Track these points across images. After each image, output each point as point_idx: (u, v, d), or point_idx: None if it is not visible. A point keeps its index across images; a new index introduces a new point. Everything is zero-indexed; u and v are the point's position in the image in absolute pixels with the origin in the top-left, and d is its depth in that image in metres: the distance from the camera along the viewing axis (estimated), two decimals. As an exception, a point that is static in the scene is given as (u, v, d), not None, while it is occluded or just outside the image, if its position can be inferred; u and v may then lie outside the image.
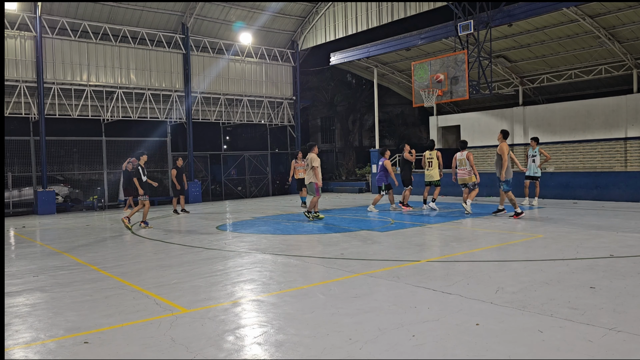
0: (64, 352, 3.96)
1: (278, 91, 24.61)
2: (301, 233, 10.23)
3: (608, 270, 6.02)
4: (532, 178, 14.21)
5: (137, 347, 4.00)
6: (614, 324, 4.13)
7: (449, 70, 16.98)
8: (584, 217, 11.31)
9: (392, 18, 20.28)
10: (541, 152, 14.17)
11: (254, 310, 4.95)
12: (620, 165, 19.96)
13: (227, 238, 9.92)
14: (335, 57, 23.68)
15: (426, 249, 8.05)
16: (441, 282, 5.67)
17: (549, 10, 16.52)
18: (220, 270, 6.81)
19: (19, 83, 17.73)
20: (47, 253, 8.88)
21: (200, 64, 22.01)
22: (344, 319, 4.48)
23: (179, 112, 21.54)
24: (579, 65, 20.80)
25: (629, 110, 19.72)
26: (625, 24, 17.52)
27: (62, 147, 19.44)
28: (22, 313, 5.09)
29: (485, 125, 24.46)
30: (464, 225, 10.56)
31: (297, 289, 5.65)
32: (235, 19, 22.27)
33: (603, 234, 8.72)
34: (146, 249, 8.86)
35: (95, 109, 19.93)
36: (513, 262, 6.69)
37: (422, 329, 4.15)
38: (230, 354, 3.80)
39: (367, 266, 6.70)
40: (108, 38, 19.59)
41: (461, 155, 12.92)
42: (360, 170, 27.82)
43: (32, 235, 11.67)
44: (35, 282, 6.53)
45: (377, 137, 23.53)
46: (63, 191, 19.56)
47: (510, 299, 4.92)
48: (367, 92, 33.44)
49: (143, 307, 5.12)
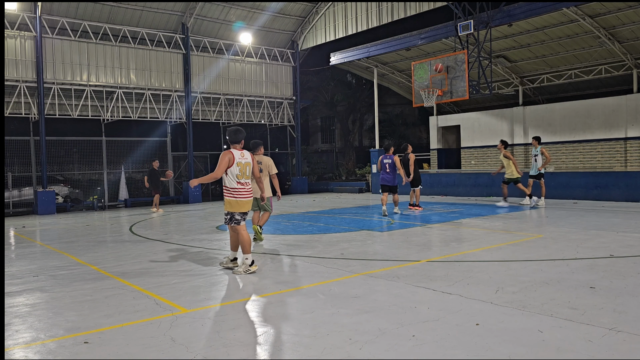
0: (64, 352, 3.96)
1: (278, 91, 24.61)
2: (301, 233, 10.23)
3: (608, 270, 6.02)
4: (535, 177, 14.18)
5: (137, 347, 4.00)
6: (614, 324, 4.13)
7: (449, 70, 16.99)
8: (584, 217, 11.31)
9: (392, 18, 20.28)
10: (542, 152, 14.12)
11: (254, 310, 4.95)
12: (620, 165, 19.96)
13: (227, 238, 9.92)
14: (335, 57, 23.69)
15: (426, 249, 8.04)
16: (441, 282, 5.67)
17: (549, 10, 16.52)
18: (221, 270, 6.81)
19: (19, 83, 17.73)
20: (47, 253, 8.88)
21: (200, 64, 22.01)
22: (344, 319, 4.48)
23: (179, 112, 21.54)
24: (579, 65, 20.80)
25: (629, 110, 19.73)
26: (625, 24, 17.51)
27: (62, 147, 19.45)
28: (22, 313, 5.08)
29: (485, 125, 24.46)
30: (464, 225, 10.56)
31: (297, 289, 5.65)
32: (235, 19, 22.27)
33: (603, 234, 8.72)
34: (146, 249, 8.86)
35: (95, 109, 19.93)
36: (513, 262, 6.69)
37: (422, 329, 4.15)
38: (230, 354, 3.79)
39: (367, 266, 6.70)
40: (108, 38, 19.59)
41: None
42: (360, 170, 27.82)
43: (32, 235, 11.67)
44: (35, 282, 6.53)
45: (377, 137, 23.54)
46: (63, 191, 19.56)
47: (510, 299, 4.92)
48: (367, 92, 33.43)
49: (143, 307, 5.12)
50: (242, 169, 6.52)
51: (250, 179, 6.67)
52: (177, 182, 22.39)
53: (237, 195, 6.53)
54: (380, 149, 22.83)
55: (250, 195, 6.67)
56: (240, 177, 6.51)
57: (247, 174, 6.60)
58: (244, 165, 6.55)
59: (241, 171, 6.51)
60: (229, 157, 6.45)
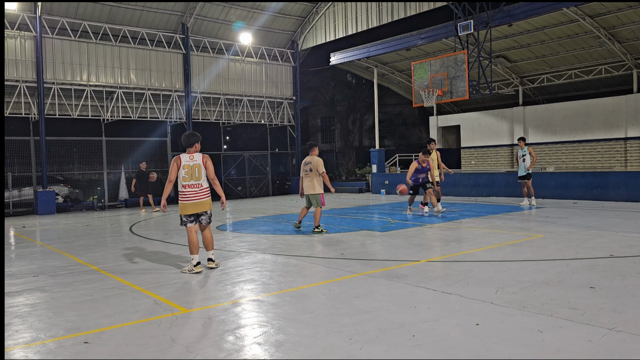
0: (64, 352, 3.96)
1: (278, 91, 24.61)
2: (301, 233, 10.23)
3: (608, 270, 6.02)
4: (524, 177, 14.15)
5: (137, 347, 4.00)
6: (614, 324, 4.13)
7: (449, 70, 16.99)
8: (584, 217, 11.31)
9: (392, 18, 20.28)
10: (530, 152, 14.11)
11: (254, 310, 4.94)
12: (620, 165, 19.96)
13: (227, 238, 9.92)
14: (335, 57, 23.69)
15: (426, 249, 8.04)
16: (441, 282, 5.67)
17: (549, 10, 16.53)
18: (220, 270, 6.81)
19: (19, 83, 17.73)
20: (47, 253, 8.88)
21: (200, 64, 22.01)
22: (344, 319, 4.48)
23: (179, 112, 21.55)
24: (579, 65, 20.81)
25: (629, 110, 19.73)
26: (625, 24, 17.52)
27: (62, 147, 19.44)
28: (22, 313, 5.08)
29: (485, 125, 24.46)
30: (464, 225, 10.56)
31: (297, 289, 5.65)
32: (235, 19, 22.27)
33: (603, 234, 8.72)
34: (146, 249, 8.86)
35: (95, 109, 19.94)
36: (513, 262, 6.68)
37: (422, 329, 4.15)
38: (230, 354, 3.80)
39: (367, 266, 6.70)
40: (108, 38, 19.59)
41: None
42: (360, 170, 27.83)
43: (32, 235, 11.67)
44: (35, 282, 6.53)
45: (377, 137, 23.54)
46: (63, 191, 19.56)
47: (510, 299, 4.92)
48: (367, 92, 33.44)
49: (143, 307, 5.12)
50: (188, 172, 6.70)
51: (200, 180, 6.76)
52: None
53: (182, 198, 6.77)
54: (380, 149, 22.83)
55: (196, 199, 6.74)
56: (188, 180, 6.69)
57: (197, 175, 6.75)
58: (192, 167, 6.72)
59: (187, 174, 6.70)
60: (176, 162, 6.76)
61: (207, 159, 6.86)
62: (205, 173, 6.84)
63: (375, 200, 18.74)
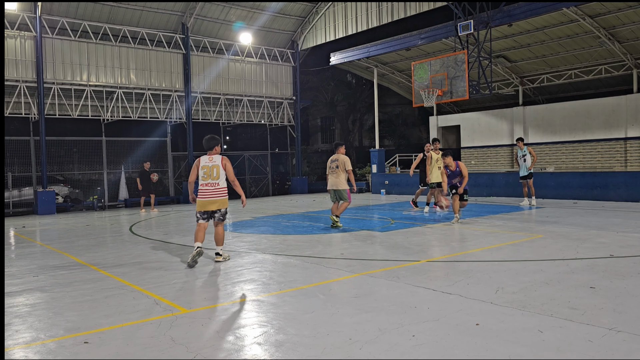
0: (64, 352, 3.96)
1: (278, 91, 24.61)
2: (301, 233, 10.23)
3: (608, 270, 6.02)
4: (526, 177, 14.19)
5: (137, 347, 4.00)
6: (614, 324, 4.13)
7: (449, 70, 16.98)
8: (584, 217, 11.31)
9: (392, 18, 20.28)
10: (530, 152, 14.15)
11: (254, 310, 4.94)
12: (620, 165, 19.96)
13: (227, 238, 9.91)
14: (335, 57, 23.69)
15: (426, 249, 8.04)
16: (441, 282, 5.67)
17: (549, 10, 16.52)
18: (220, 270, 6.81)
19: (19, 83, 17.73)
20: (47, 253, 8.88)
21: (200, 64, 22.01)
22: (344, 319, 4.48)
23: (179, 112, 21.55)
24: (579, 65, 20.80)
25: (629, 110, 19.73)
26: (625, 24, 17.52)
27: (62, 147, 19.44)
28: (22, 313, 5.08)
29: (486, 125, 24.46)
30: (464, 226, 10.56)
31: (297, 289, 5.65)
32: (235, 19, 22.27)
33: (603, 234, 8.72)
34: (146, 249, 8.86)
35: (95, 109, 19.94)
36: (513, 262, 6.68)
37: (422, 329, 4.15)
38: (230, 354, 3.80)
39: (367, 266, 6.70)
40: (108, 38, 19.59)
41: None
42: (360, 170, 27.81)
43: (32, 235, 11.67)
44: (35, 282, 6.53)
45: (377, 137, 23.54)
46: (63, 191, 19.56)
47: (510, 299, 4.92)
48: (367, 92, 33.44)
49: (143, 307, 5.12)
50: (207, 172, 7.21)
51: (217, 179, 7.23)
52: (177, 182, 22.39)
53: (199, 195, 7.28)
54: (380, 149, 22.83)
55: (211, 197, 7.21)
56: (206, 179, 7.20)
57: (215, 175, 7.22)
58: (210, 167, 7.23)
59: (205, 173, 7.21)
60: (196, 164, 7.36)
61: (226, 161, 7.31)
62: (224, 174, 7.28)
63: (375, 200, 18.74)
